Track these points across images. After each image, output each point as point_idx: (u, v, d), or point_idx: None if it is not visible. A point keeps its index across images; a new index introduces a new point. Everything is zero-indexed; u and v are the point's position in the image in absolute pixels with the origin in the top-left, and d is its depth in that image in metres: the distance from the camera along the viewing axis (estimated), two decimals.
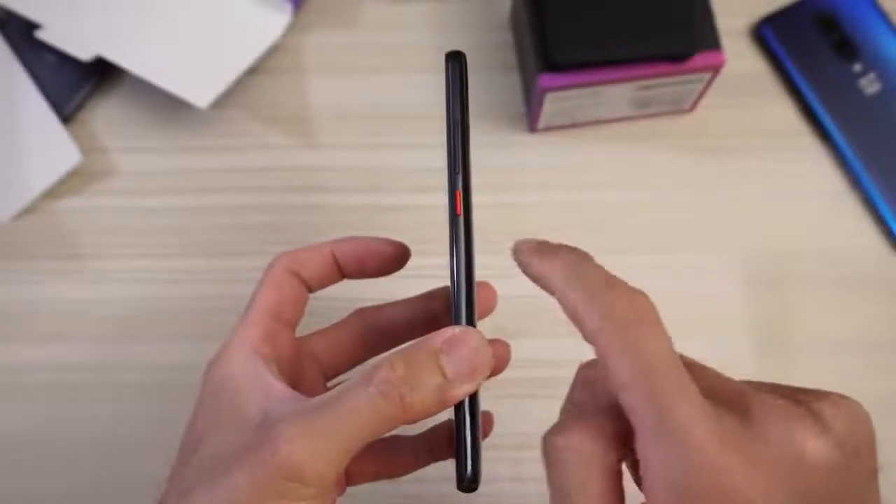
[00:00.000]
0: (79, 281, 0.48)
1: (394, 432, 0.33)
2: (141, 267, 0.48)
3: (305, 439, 0.24)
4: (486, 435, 0.35)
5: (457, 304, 0.27)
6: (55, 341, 0.47)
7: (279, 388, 0.27)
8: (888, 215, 0.48)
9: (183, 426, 0.29)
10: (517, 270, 0.49)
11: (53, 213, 0.49)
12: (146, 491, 0.30)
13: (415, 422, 0.25)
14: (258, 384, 0.27)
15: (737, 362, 0.46)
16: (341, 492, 0.33)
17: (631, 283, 0.27)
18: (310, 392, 0.27)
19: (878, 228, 0.49)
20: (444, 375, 0.25)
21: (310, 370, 0.33)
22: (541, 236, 0.48)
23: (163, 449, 0.30)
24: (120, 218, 0.49)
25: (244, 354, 0.28)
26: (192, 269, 0.48)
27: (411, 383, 0.25)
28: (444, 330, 0.26)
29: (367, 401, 0.24)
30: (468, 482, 0.26)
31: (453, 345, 0.25)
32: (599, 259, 0.27)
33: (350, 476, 0.33)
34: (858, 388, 0.46)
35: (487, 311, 0.34)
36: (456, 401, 0.26)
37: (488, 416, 0.35)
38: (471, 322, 0.27)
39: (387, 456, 0.34)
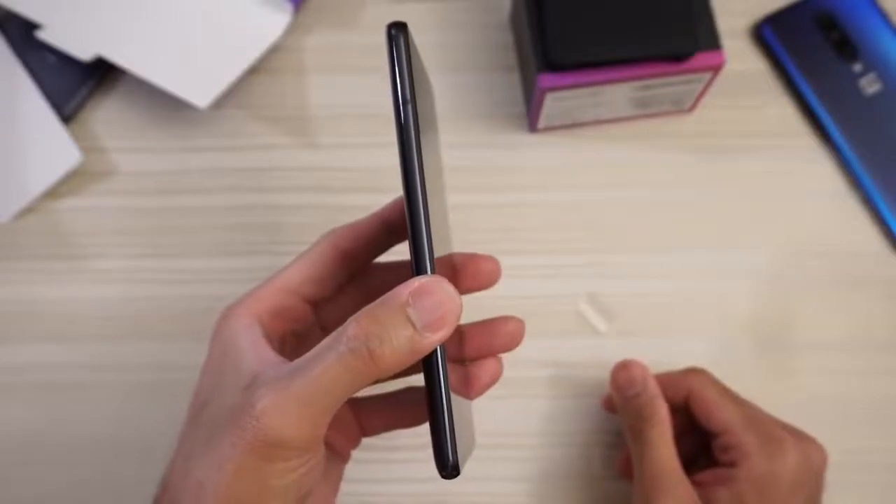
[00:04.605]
0: (79, 281, 0.48)
1: (408, 382, 0.34)
2: (141, 267, 0.48)
3: (280, 406, 0.25)
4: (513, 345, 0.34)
5: (417, 254, 0.26)
6: (55, 341, 0.47)
7: (271, 354, 0.28)
8: (888, 215, 0.48)
9: (182, 426, 0.30)
10: (519, 270, 0.49)
11: (53, 213, 0.49)
12: (146, 491, 0.30)
13: (391, 374, 0.26)
14: (255, 350, 0.28)
15: (737, 362, 0.47)
16: (355, 445, 0.34)
17: (631, 283, 0.27)
18: None
19: (878, 228, 0.49)
20: (413, 327, 0.25)
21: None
22: (541, 236, 0.48)
23: (163, 448, 0.30)
24: (120, 218, 0.49)
25: (248, 321, 0.30)
26: (192, 269, 0.48)
27: (380, 337, 0.25)
28: (409, 281, 0.26)
29: (337, 360, 0.25)
30: (451, 469, 0.26)
31: (419, 295, 0.25)
32: (600, 259, 0.26)
33: (364, 429, 0.34)
34: (858, 388, 0.47)
35: (490, 283, 0.34)
36: (428, 349, 0.25)
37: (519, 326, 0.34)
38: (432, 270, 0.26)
39: (399, 408, 0.35)
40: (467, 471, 0.27)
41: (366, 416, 0.34)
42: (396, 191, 0.49)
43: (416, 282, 0.25)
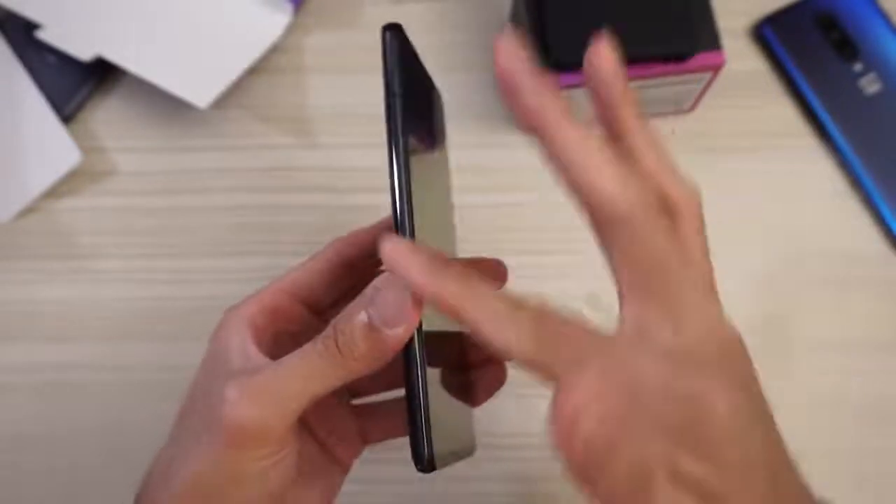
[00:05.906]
0: (79, 281, 0.48)
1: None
2: (141, 267, 0.48)
3: (245, 394, 0.26)
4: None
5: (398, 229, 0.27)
6: (55, 341, 0.47)
7: (256, 354, 0.29)
8: (888, 215, 0.48)
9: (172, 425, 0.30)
10: (519, 270, 0.48)
11: (53, 213, 0.49)
12: None
13: (363, 373, 0.26)
14: (242, 350, 0.29)
15: None
16: (356, 454, 0.34)
17: None
18: None
19: (878, 228, 0.49)
20: (370, 321, 0.26)
21: None
22: (541, 236, 0.48)
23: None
24: (120, 218, 0.49)
25: (242, 321, 0.30)
26: (192, 269, 0.48)
27: (345, 333, 0.26)
28: (374, 281, 0.27)
29: (308, 356, 0.26)
30: (426, 463, 0.26)
31: (377, 290, 0.26)
32: (600, 259, 0.26)
33: (364, 435, 0.34)
34: (859, 388, 0.47)
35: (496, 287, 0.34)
36: (396, 345, 0.26)
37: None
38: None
39: (396, 415, 0.34)
40: (467, 471, 0.27)
41: (365, 424, 0.34)
42: None
43: (377, 280, 0.26)
